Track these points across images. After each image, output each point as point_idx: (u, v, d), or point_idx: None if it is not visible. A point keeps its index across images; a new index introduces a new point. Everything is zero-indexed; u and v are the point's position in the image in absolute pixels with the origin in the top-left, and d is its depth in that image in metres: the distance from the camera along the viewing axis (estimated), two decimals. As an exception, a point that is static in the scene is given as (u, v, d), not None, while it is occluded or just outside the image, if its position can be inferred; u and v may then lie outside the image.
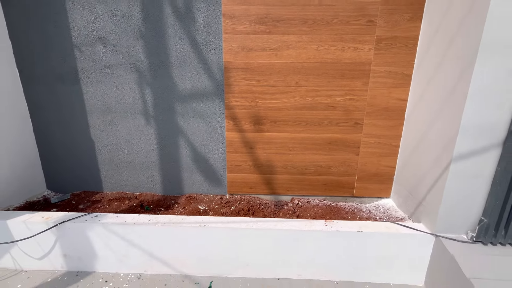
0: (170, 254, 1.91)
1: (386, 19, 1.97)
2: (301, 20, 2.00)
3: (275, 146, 2.33)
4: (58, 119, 2.35)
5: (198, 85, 2.20)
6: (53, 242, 1.92)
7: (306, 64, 2.09)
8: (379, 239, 1.81)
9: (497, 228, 1.63)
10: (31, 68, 2.23)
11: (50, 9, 2.07)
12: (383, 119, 2.20)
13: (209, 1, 2.01)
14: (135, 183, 2.50)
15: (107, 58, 2.17)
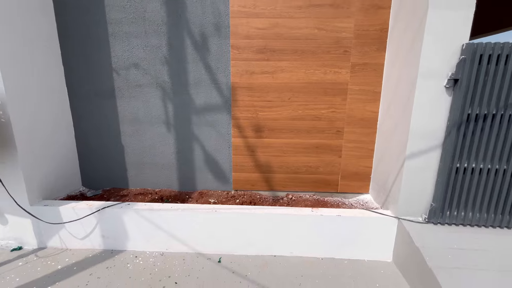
0: (187, 235, 2.38)
1: (358, 50, 2.53)
2: (292, 50, 2.57)
3: (272, 150, 2.84)
4: (95, 127, 2.88)
5: (210, 101, 2.75)
6: (94, 225, 2.39)
7: (296, 84, 2.64)
8: (355, 222, 2.28)
9: (442, 211, 2.10)
10: (77, 86, 2.78)
11: (96, 41, 2.65)
12: (360, 127, 2.71)
13: (221, 36, 2.59)
14: (156, 181, 3.00)
15: (138, 79, 2.72)
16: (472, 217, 2.09)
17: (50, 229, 2.41)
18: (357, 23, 2.48)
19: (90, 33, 2.63)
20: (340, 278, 2.11)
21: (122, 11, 2.57)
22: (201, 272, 2.16)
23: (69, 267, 2.22)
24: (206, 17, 2.55)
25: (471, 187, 2.05)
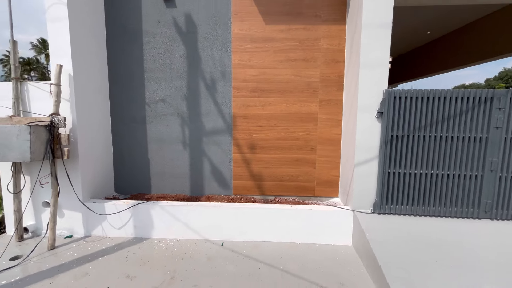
0: (198, 225, 3.18)
1: (323, 90, 3.52)
2: (276, 90, 3.56)
3: (263, 163, 3.72)
4: (128, 145, 3.80)
5: (216, 126, 3.69)
6: (128, 218, 3.21)
7: (280, 114, 3.60)
8: (322, 215, 3.09)
9: (382, 204, 2.93)
10: (118, 114, 3.75)
11: (135, 84, 3.67)
12: (328, 146, 3.62)
13: (225, 80, 3.60)
14: (173, 187, 3.84)
15: (164, 110, 3.70)
16: (402, 208, 2.92)
17: (95, 220, 3.23)
18: (322, 72, 3.50)
19: (132, 78, 3.66)
20: (312, 257, 2.87)
21: (155, 63, 3.62)
22: (209, 251, 2.94)
23: (111, 247, 3.00)
24: (215, 68, 3.59)
25: (399, 186, 2.90)
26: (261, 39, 3.51)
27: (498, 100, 2.68)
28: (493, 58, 5.64)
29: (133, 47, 3.63)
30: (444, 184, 2.86)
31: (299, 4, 3.42)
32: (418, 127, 2.81)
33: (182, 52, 3.60)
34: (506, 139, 2.72)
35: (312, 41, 3.47)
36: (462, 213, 2.86)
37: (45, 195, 3.16)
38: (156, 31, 3.59)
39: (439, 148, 2.82)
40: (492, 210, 2.81)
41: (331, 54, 3.46)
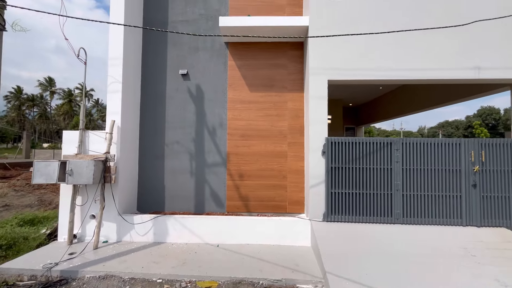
0: (200, 232, 4.41)
1: (291, 136, 5.07)
2: (258, 136, 5.10)
3: (249, 188, 5.08)
4: (149, 175, 5.16)
5: (215, 160, 5.13)
6: (150, 227, 4.44)
7: (261, 152, 5.08)
8: (289, 223, 4.39)
9: (329, 214, 4.27)
10: (144, 152, 5.18)
11: (157, 132, 5.18)
12: (296, 175, 5.04)
13: (222, 128, 5.15)
14: (181, 206, 5.11)
15: (178, 149, 5.16)
16: (342, 217, 4.25)
17: (125, 229, 4.45)
18: (289, 123, 5.09)
19: (156, 127, 5.19)
20: (281, 252, 4.10)
21: (173, 117, 5.19)
22: (208, 249, 4.15)
23: (138, 247, 4.19)
24: (215, 120, 5.16)
25: (339, 202, 4.27)
26: (247, 101, 5.16)
27: (395, 144, 4.23)
28: (426, 109, 7.46)
29: (158, 106, 5.23)
30: (369, 200, 4.25)
31: (272, 80, 5.15)
32: (347, 161, 4.29)
33: (192, 109, 5.20)
34: (403, 169, 4.20)
35: (282, 103, 5.13)
36: (381, 220, 4.20)
37: (92, 210, 4.42)
38: (175, 95, 5.24)
39: (363, 175, 4.28)
40: (400, 217, 4.17)
41: (295, 112, 5.09)
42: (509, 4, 4.22)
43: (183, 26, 5.31)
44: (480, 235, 3.85)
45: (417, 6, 4.42)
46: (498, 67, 4.22)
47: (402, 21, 4.34)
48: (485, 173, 4.12)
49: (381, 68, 4.39)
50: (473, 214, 4.09)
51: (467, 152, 4.15)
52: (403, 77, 4.42)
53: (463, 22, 3.97)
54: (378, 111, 10.41)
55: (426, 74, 4.37)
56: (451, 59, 4.30)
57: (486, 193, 4.09)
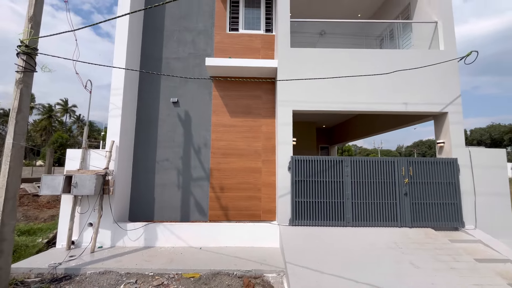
0: (186, 237, 5.14)
1: (265, 154, 6.05)
2: (236, 154, 6.03)
3: (229, 199, 5.92)
4: (141, 188, 5.88)
5: (200, 175, 5.96)
6: (141, 233, 5.12)
7: (239, 168, 5.99)
8: (261, 228, 5.24)
9: (294, 220, 5.18)
10: (137, 167, 5.93)
11: (150, 150, 5.99)
12: (269, 187, 5.96)
13: (206, 147, 6.05)
14: (169, 215, 5.82)
15: (167, 165, 5.96)
16: (305, 222, 5.17)
17: (119, 236, 5.09)
18: (263, 144, 6.09)
19: (149, 146, 6.01)
20: (254, 253, 4.90)
21: (164, 137, 6.04)
22: (193, 251, 4.88)
23: (131, 251, 4.84)
24: (201, 141, 6.07)
25: (303, 209, 5.21)
26: (228, 125, 6.14)
27: (345, 162, 5.31)
28: (379, 132, 8.83)
29: (151, 128, 6.08)
30: (326, 207, 5.22)
31: (250, 108, 6.20)
32: (308, 175, 5.30)
33: (181, 131, 6.10)
34: (352, 182, 5.26)
35: (257, 127, 6.16)
36: (336, 223, 5.16)
37: (90, 218, 5.05)
38: (166, 119, 6.13)
39: (320, 186, 5.27)
40: (351, 221, 5.15)
41: (268, 134, 6.13)
42: (426, 59, 5.62)
43: (175, 62, 6.34)
44: (410, 234, 4.89)
45: (361, 57, 5.73)
46: (420, 102, 5.52)
47: (351, 65, 5.61)
48: (413, 184, 5.26)
49: (334, 102, 5.57)
50: (406, 217, 5.16)
51: (400, 168, 5.30)
52: (352, 109, 5.62)
53: (394, 70, 5.30)
54: (347, 133, 11.75)
55: (369, 106, 5.59)
56: (387, 96, 5.57)
57: (415, 200, 5.20)
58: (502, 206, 5.22)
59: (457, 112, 5.47)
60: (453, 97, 5.50)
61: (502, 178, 5.30)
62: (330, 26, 8.77)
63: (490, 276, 3.69)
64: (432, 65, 5.44)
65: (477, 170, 5.29)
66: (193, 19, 6.48)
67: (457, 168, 5.27)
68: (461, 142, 5.39)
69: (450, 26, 5.75)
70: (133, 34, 5.94)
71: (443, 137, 5.64)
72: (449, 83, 5.57)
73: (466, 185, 5.24)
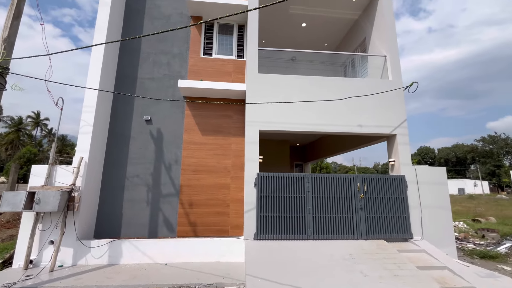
0: (151, 253, 5.18)
1: (234, 171, 6.34)
2: (207, 171, 6.28)
3: (197, 215, 6.06)
4: (109, 205, 5.88)
5: (170, 191, 6.10)
6: (106, 250, 5.09)
7: (208, 183, 6.21)
8: (227, 243, 5.41)
9: (258, 234, 5.42)
10: (106, 183, 5.95)
11: (121, 166, 6.07)
12: (237, 203, 6.20)
13: (177, 164, 6.24)
14: (136, 232, 5.82)
15: (137, 182, 6.05)
16: (269, 236, 5.43)
17: (81, 253, 5.02)
18: (232, 161, 6.40)
19: (120, 162, 6.10)
20: (219, 267, 5.04)
21: (136, 154, 6.18)
22: (157, 267, 4.92)
23: (93, 268, 4.79)
24: (172, 157, 6.27)
25: (267, 223, 5.48)
26: (199, 143, 6.43)
27: (307, 178, 5.74)
28: (346, 151, 9.52)
29: (123, 145, 6.21)
30: (289, 221, 5.54)
31: (220, 126, 6.56)
32: (273, 191, 5.64)
33: (153, 148, 6.28)
34: (313, 197, 5.66)
35: (228, 145, 6.49)
36: (298, 237, 5.46)
37: (52, 236, 4.97)
38: (138, 137, 6.30)
39: (284, 201, 5.61)
40: (312, 235, 5.49)
41: (237, 152, 6.46)
42: (377, 87, 6.38)
43: (149, 82, 6.64)
44: (364, 245, 5.30)
45: (321, 84, 6.39)
46: (373, 125, 6.19)
47: (312, 90, 6.22)
48: (368, 199, 5.76)
49: (297, 123, 6.08)
50: (361, 230, 5.59)
51: (356, 184, 5.81)
52: (313, 130, 6.15)
53: (350, 96, 5.97)
54: (319, 151, 12.40)
55: (328, 128, 6.16)
56: (344, 119, 6.19)
57: (369, 214, 5.68)
58: (444, 219, 5.83)
59: (404, 134, 6.19)
60: (400, 121, 6.24)
61: (443, 193, 5.97)
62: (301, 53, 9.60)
63: (428, 281, 4.13)
64: (382, 93, 6.18)
65: (422, 186, 5.93)
66: (169, 43, 6.90)
67: (405, 184, 5.88)
68: (408, 161, 6.06)
69: (396, 60, 6.62)
70: (109, 54, 6.21)
71: (393, 156, 6.29)
72: (396, 109, 6.32)
73: (413, 199, 5.83)
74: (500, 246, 7.26)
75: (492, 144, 59.29)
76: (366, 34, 7.87)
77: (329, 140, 10.80)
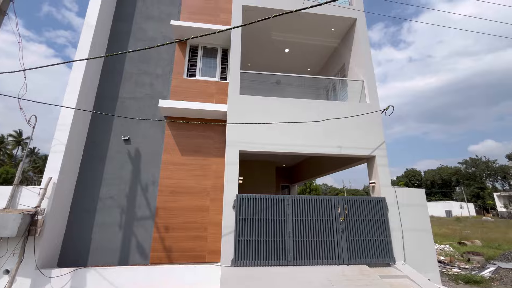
0: (119, 283, 4.78)
1: (213, 192, 6.16)
2: (185, 192, 6.07)
3: (173, 240, 5.74)
4: (77, 229, 5.50)
5: (145, 214, 5.80)
6: (68, 280, 4.66)
7: (187, 206, 5.97)
8: (203, 270, 5.09)
9: (236, 260, 5.14)
10: (77, 205, 5.62)
11: (95, 187, 5.80)
12: (215, 226, 5.94)
13: (155, 185, 6.02)
14: (105, 259, 5.41)
15: (110, 204, 5.75)
16: (247, 262, 5.15)
17: (40, 284, 4.58)
18: (212, 182, 6.24)
19: (94, 184, 5.83)
20: (191, 295, 4.68)
21: (111, 175, 5.94)
22: (123, 298, 4.52)
23: (51, 301, 4.34)
24: (149, 178, 6.06)
25: (246, 248, 5.23)
26: (179, 163, 6.28)
27: (287, 200, 5.62)
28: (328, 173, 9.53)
29: (98, 165, 5.98)
30: (268, 245, 5.31)
31: (201, 147, 6.48)
32: (252, 213, 5.47)
33: (130, 168, 6.07)
34: (293, 220, 5.51)
35: (208, 166, 6.37)
36: (277, 263, 5.21)
37: (7, 264, 4.54)
38: (116, 156, 6.11)
39: (263, 225, 5.43)
40: (292, 260, 5.26)
41: (217, 173, 6.33)
42: (356, 110, 6.58)
43: (130, 101, 6.59)
44: (346, 271, 5.10)
45: (302, 106, 6.52)
46: (352, 146, 6.27)
47: (292, 113, 6.32)
48: (349, 222, 5.66)
49: (277, 144, 6.09)
50: (343, 254, 5.41)
51: (336, 206, 5.73)
52: (294, 151, 6.16)
53: (328, 118, 6.10)
54: (305, 172, 12.38)
55: (309, 149, 6.19)
56: (323, 140, 6.25)
57: (351, 237, 5.55)
58: (426, 242, 5.76)
59: (383, 156, 6.28)
60: (378, 143, 6.36)
61: (423, 215, 5.95)
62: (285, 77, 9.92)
63: (409, 310, 3.95)
64: (360, 115, 6.35)
65: (402, 208, 5.91)
66: (152, 64, 6.99)
67: (386, 206, 5.84)
68: (388, 182, 6.09)
69: (373, 84, 6.91)
70: (90, 74, 6.19)
71: (373, 178, 6.32)
72: (375, 131, 6.47)
73: (394, 222, 5.77)
74: (485, 270, 7.18)
75: (474, 167, 61.29)
76: (345, 60, 8.27)
77: (314, 162, 10.84)
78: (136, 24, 7.31)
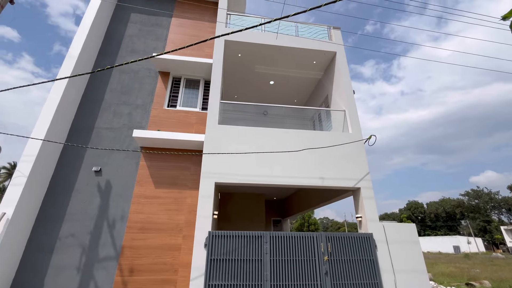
0: None
1: (186, 228, 5.66)
2: (156, 229, 5.57)
3: (137, 284, 5.09)
4: (29, 273, 4.90)
5: (108, 254, 5.24)
6: (3, 337, 3.97)
7: (156, 244, 5.42)
8: None
9: None
10: (32, 244, 5.08)
11: (56, 225, 5.32)
12: (186, 268, 5.32)
13: (123, 221, 5.54)
14: (56, 310, 4.72)
15: (70, 242, 5.22)
16: (218, 312, 4.48)
17: None
18: (186, 217, 5.78)
19: (56, 221, 5.36)
20: None
21: (76, 210, 5.50)
22: None
23: None
24: (118, 213, 5.61)
25: (216, 295, 4.60)
26: (151, 196, 5.88)
27: (264, 237, 5.12)
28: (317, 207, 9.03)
29: (63, 199, 5.58)
30: (242, 292, 4.68)
31: (176, 178, 6.14)
32: (225, 253, 4.93)
33: (97, 202, 5.65)
34: (271, 260, 4.96)
35: (182, 199, 5.96)
36: (252, 312, 4.54)
37: None
38: (83, 189, 5.74)
39: (237, 266, 4.86)
40: (269, 309, 4.59)
41: (192, 207, 5.90)
42: (339, 140, 6.40)
43: (106, 131, 6.43)
44: (330, 323, 4.41)
45: (283, 136, 6.36)
46: (334, 177, 5.95)
47: (271, 143, 6.12)
48: (333, 262, 5.09)
49: (256, 175, 5.78)
50: (328, 302, 4.76)
51: (319, 244, 5.21)
52: (272, 182, 5.82)
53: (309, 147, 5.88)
54: (296, 206, 11.79)
55: (290, 180, 5.86)
56: (305, 171, 5.95)
57: (336, 280, 4.94)
58: (421, 285, 5.12)
59: (368, 188, 5.93)
60: (363, 174, 6.06)
61: (416, 254, 5.40)
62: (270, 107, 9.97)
63: None
64: (342, 144, 6.15)
65: (393, 246, 5.39)
66: (133, 94, 6.98)
67: (374, 244, 5.33)
68: (375, 216, 5.64)
69: (355, 114, 6.84)
70: (67, 102, 6.11)
71: (360, 211, 5.89)
72: (358, 161, 6.22)
73: (384, 261, 5.21)
74: (495, 319, 6.33)
75: (477, 199, 59.73)
76: (328, 92, 8.35)
77: (303, 194, 10.37)
78: (121, 57, 7.49)
